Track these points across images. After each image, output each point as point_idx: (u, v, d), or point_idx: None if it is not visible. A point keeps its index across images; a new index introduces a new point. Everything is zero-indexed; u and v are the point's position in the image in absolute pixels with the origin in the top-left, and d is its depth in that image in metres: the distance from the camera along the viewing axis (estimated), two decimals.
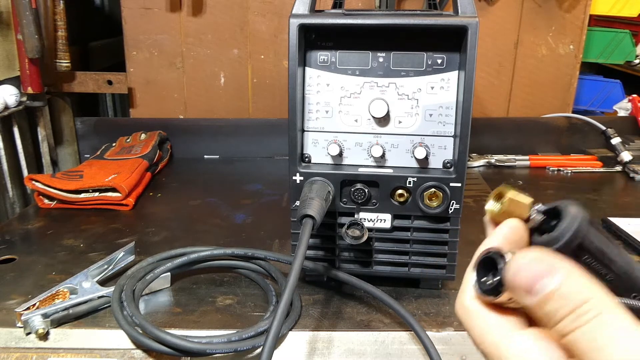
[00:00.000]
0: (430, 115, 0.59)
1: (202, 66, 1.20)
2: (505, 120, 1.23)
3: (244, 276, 0.69)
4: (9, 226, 0.85)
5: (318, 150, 0.62)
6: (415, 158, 0.60)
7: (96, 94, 1.33)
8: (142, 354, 0.55)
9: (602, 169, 1.10)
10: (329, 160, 0.62)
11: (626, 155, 1.12)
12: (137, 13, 1.16)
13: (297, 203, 0.60)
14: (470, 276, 0.29)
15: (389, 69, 0.59)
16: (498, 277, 0.26)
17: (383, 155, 0.60)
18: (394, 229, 0.62)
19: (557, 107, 1.25)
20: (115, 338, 0.57)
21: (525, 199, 0.29)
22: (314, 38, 0.60)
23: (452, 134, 0.59)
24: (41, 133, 1.11)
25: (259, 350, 0.55)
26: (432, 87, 0.59)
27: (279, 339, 0.54)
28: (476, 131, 1.17)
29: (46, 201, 0.91)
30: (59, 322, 0.58)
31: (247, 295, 0.65)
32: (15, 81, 1.03)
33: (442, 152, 0.60)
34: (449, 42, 0.58)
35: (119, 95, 1.54)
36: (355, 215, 0.62)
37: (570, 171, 1.09)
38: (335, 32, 0.59)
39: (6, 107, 0.98)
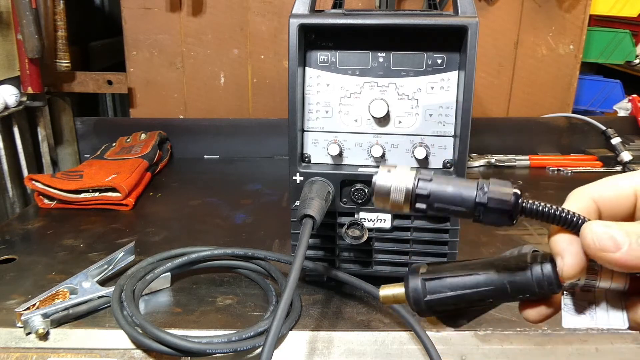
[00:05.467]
0: (430, 115, 0.59)
1: (202, 66, 1.20)
2: (505, 120, 1.23)
3: (244, 276, 0.69)
4: (9, 226, 0.85)
5: (318, 150, 0.62)
6: (415, 158, 0.60)
7: (96, 94, 1.33)
8: (142, 354, 0.55)
9: (602, 169, 1.10)
10: (329, 160, 0.62)
11: (626, 155, 1.12)
12: (137, 13, 1.16)
13: (297, 203, 0.60)
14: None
15: (389, 69, 0.59)
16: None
17: (383, 155, 0.60)
18: (394, 229, 0.62)
19: (557, 107, 1.25)
20: (115, 338, 0.56)
21: None
22: (314, 38, 0.60)
23: (452, 134, 0.59)
24: (41, 133, 1.11)
25: (259, 350, 0.55)
26: (432, 87, 0.59)
27: (279, 339, 0.54)
28: (476, 131, 1.17)
29: (46, 201, 0.91)
30: (59, 322, 0.58)
31: (247, 295, 0.65)
32: (15, 81, 1.03)
33: (442, 152, 0.60)
34: (449, 42, 0.58)
35: (119, 95, 1.54)
36: (355, 215, 0.62)
37: (570, 171, 1.09)
38: (335, 32, 0.59)
39: (6, 107, 0.98)
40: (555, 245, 0.32)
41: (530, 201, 0.31)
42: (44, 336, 0.56)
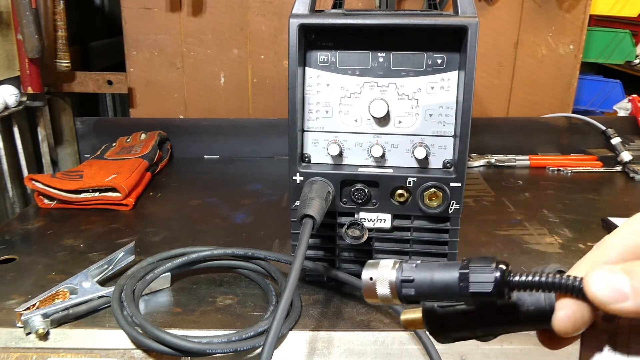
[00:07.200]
0: (430, 115, 0.59)
1: (202, 66, 1.20)
2: (505, 120, 1.23)
3: (244, 276, 0.69)
4: (9, 226, 0.85)
5: (318, 150, 0.62)
6: (415, 158, 0.60)
7: (96, 94, 1.33)
8: (142, 354, 0.55)
9: (602, 169, 1.10)
10: (329, 160, 0.62)
11: (626, 155, 1.12)
12: (137, 13, 1.16)
13: (297, 203, 0.60)
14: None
15: (389, 69, 0.59)
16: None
17: (383, 155, 0.60)
18: (394, 229, 0.62)
19: (557, 107, 1.25)
20: (115, 338, 0.57)
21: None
22: (314, 38, 0.60)
23: (452, 134, 0.59)
24: (41, 133, 1.11)
25: (259, 350, 0.55)
26: (432, 87, 0.59)
27: (279, 339, 0.54)
28: (476, 131, 1.17)
29: (46, 201, 0.91)
30: (59, 322, 0.58)
31: (247, 295, 0.65)
32: (15, 81, 1.03)
33: (442, 152, 0.60)
34: (449, 42, 0.58)
35: (119, 95, 1.54)
36: (355, 215, 0.62)
37: (570, 171, 1.09)
38: (335, 32, 0.59)
39: (6, 107, 0.98)
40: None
41: (517, 277, 0.29)
42: (44, 336, 0.56)
